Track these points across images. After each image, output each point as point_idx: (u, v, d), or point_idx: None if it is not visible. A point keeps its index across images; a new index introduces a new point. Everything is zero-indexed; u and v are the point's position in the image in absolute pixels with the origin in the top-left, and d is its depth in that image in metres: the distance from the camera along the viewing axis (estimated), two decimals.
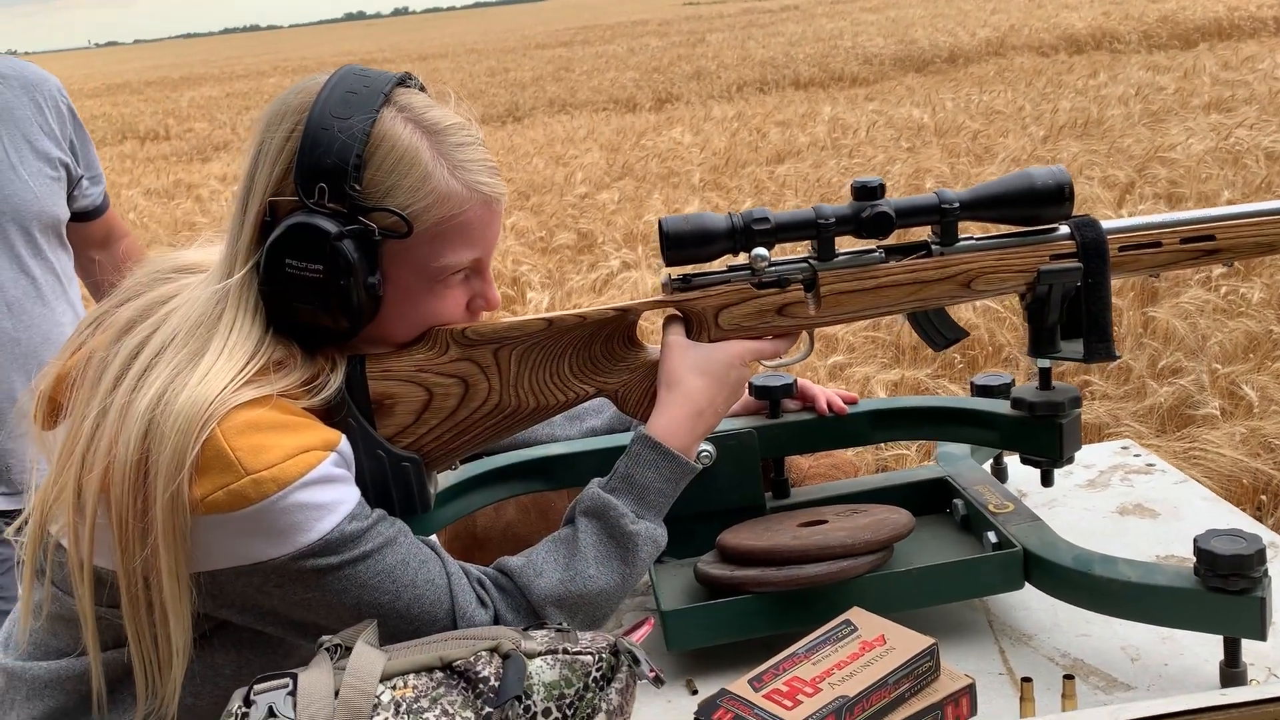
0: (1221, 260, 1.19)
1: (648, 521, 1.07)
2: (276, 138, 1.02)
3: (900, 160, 6.98)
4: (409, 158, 1.02)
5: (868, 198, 1.15)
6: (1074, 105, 8.34)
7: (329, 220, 1.00)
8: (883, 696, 0.99)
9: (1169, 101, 8.16)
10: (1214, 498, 1.44)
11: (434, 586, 1.01)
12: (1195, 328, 3.73)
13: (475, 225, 1.06)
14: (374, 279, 1.02)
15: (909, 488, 1.34)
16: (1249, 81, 8.72)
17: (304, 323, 1.03)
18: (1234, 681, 1.03)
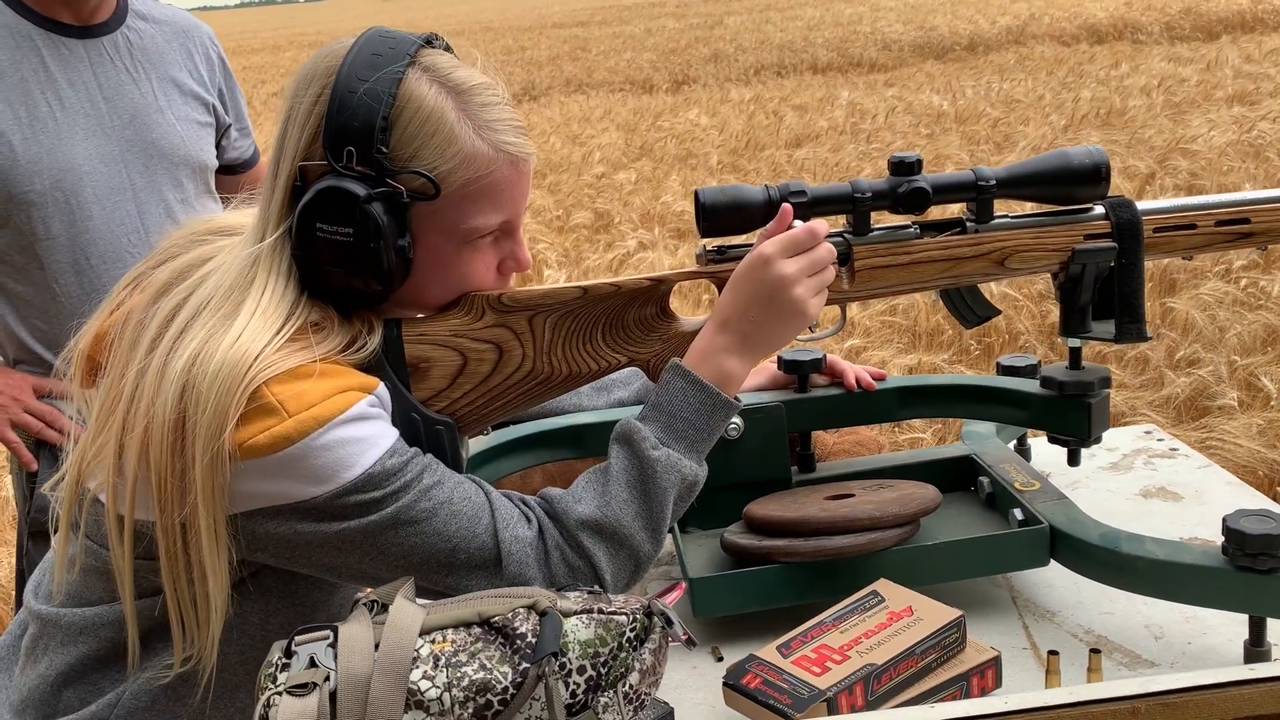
0: (1255, 243, 1.19)
1: (671, 450, 1.04)
2: (305, 102, 1.03)
3: (919, 147, 6.95)
4: (435, 118, 1.02)
5: (905, 173, 1.15)
6: (1095, 95, 8.29)
7: (357, 183, 1.00)
8: (910, 666, 1.00)
9: (1191, 93, 8.11)
10: (1237, 482, 1.45)
11: (472, 504, 1.01)
12: (1214, 319, 3.72)
13: (503, 186, 1.06)
14: (404, 241, 1.03)
15: (935, 464, 1.35)
16: (1272, 74, 8.66)
17: (337, 286, 1.03)
18: (1258, 660, 1.04)
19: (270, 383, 0.95)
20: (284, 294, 1.03)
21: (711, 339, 1.08)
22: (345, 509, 0.96)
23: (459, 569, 1.01)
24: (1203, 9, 15.98)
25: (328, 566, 1.00)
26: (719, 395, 1.06)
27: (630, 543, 1.02)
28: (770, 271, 1.07)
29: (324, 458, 0.95)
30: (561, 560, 1.02)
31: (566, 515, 1.03)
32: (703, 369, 1.07)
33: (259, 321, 1.00)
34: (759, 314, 1.07)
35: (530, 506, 1.05)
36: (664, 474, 1.03)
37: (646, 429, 1.05)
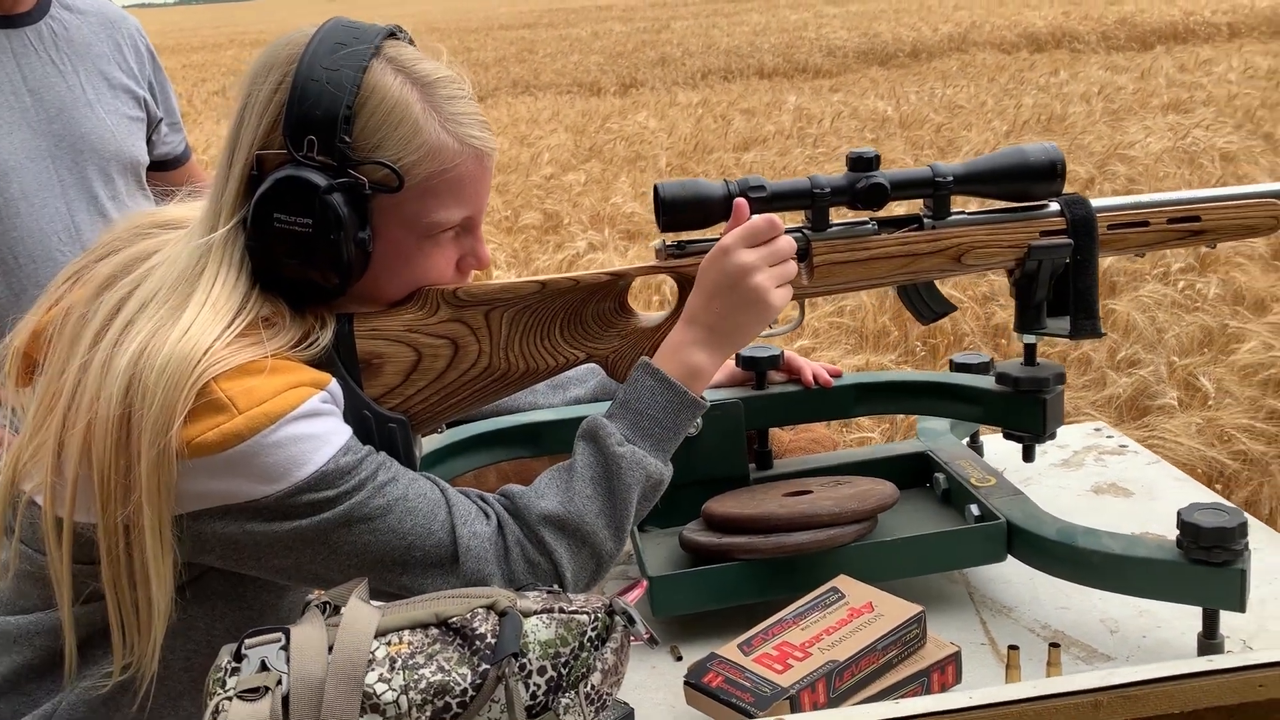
0: (1205, 241, 1.21)
1: (637, 447, 1.03)
2: (264, 90, 1.00)
3: None
4: (400, 109, 1.00)
5: (863, 169, 1.15)
6: (1036, 101, 8.44)
7: (318, 173, 0.98)
8: (871, 662, 0.99)
9: (1128, 101, 8.28)
10: (1186, 479, 1.47)
11: (428, 500, 0.99)
12: (1154, 320, 3.80)
13: (467, 181, 1.04)
14: (364, 234, 1.01)
15: (891, 461, 1.35)
16: (1204, 84, 8.88)
17: (291, 279, 1.01)
18: (1212, 653, 1.05)
19: (220, 378, 0.92)
20: (235, 287, 1.00)
21: (679, 334, 1.08)
22: (297, 508, 0.94)
23: (414, 567, 0.99)
24: (1137, 20, 16.35)
25: (278, 568, 0.97)
26: (686, 394, 1.05)
27: (592, 540, 1.01)
28: (730, 261, 1.06)
29: (275, 455, 0.92)
30: (522, 556, 1.00)
31: (528, 511, 1.01)
32: (671, 364, 1.06)
33: (208, 314, 0.97)
34: (722, 305, 1.06)
35: (488, 502, 1.03)
36: (629, 471, 1.02)
37: (613, 425, 1.03)
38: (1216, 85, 8.69)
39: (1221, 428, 2.89)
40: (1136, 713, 0.84)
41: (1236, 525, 1.01)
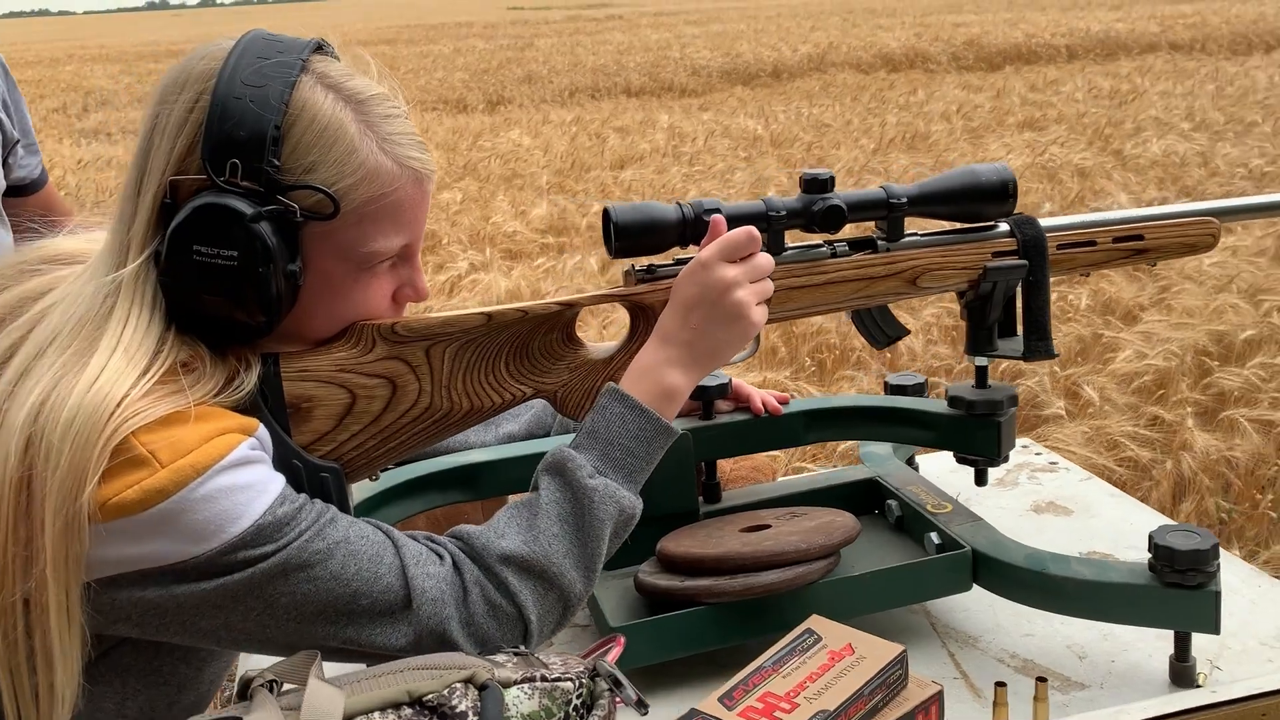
0: (1148, 259, 1.21)
1: (608, 479, 0.96)
2: (177, 110, 0.90)
3: (740, 169, 7.09)
4: (333, 130, 0.92)
5: (818, 190, 1.11)
6: (899, 120, 8.70)
7: (243, 200, 0.89)
8: (859, 708, 0.95)
9: (986, 119, 8.62)
10: (1119, 494, 1.48)
11: (371, 543, 0.90)
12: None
13: (406, 206, 0.96)
14: (294, 266, 0.91)
15: (840, 489, 1.31)
16: (1054, 103, 9.32)
17: (212, 318, 0.91)
18: (1184, 675, 1.04)
19: (139, 431, 0.82)
20: (149, 328, 0.90)
21: (652, 354, 1.01)
22: (230, 565, 0.84)
23: (361, 617, 0.89)
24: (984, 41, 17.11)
25: (205, 630, 0.87)
26: (659, 421, 0.99)
27: (560, 581, 0.93)
28: (710, 275, 1.00)
29: (205, 511, 0.82)
30: (482, 598, 0.91)
31: (487, 551, 0.93)
32: (642, 387, 1.00)
33: (120, 361, 0.86)
34: (701, 322, 1.00)
35: (438, 543, 0.95)
36: (601, 505, 0.94)
37: (582, 457, 0.96)
38: (1065, 104, 9.13)
39: (1109, 436, 2.98)
40: None
41: (1210, 547, 1.00)
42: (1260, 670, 1.05)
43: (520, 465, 1.21)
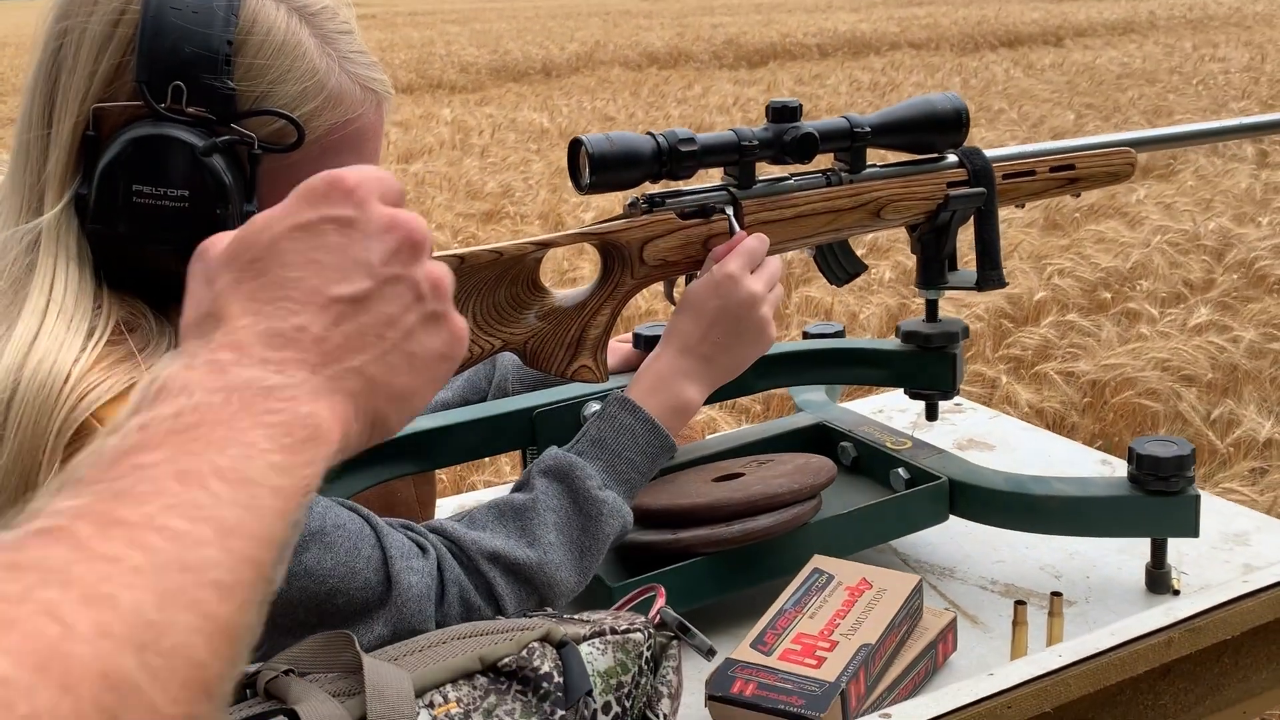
0: (1076, 189, 1.25)
1: (615, 493, 0.91)
2: (95, 23, 0.76)
3: (533, 160, 7.02)
4: (291, 47, 0.80)
5: (787, 119, 1.07)
6: (681, 113, 8.87)
7: (190, 130, 0.76)
8: (893, 639, 0.92)
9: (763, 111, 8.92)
10: (1031, 427, 1.53)
11: (348, 532, 0.80)
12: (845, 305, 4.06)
13: (369, 133, 0.86)
14: (251, 207, 0.79)
15: (791, 435, 1.29)
16: (821, 95, 9.76)
17: (155, 270, 0.77)
18: (1161, 581, 1.07)
19: (100, 410, 0.69)
20: (80, 285, 0.76)
21: (669, 364, 0.97)
22: None
23: (333, 617, 0.79)
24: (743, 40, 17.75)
25: None
26: (668, 438, 0.95)
27: (550, 590, 0.87)
28: (738, 291, 0.97)
29: None
30: (459, 599, 0.83)
31: (475, 547, 0.85)
32: (657, 400, 0.95)
33: (58, 325, 0.72)
34: (723, 336, 0.97)
35: (421, 534, 0.86)
36: (609, 519, 0.90)
37: (590, 467, 0.90)
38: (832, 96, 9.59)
39: None
40: (1199, 644, 0.83)
41: (1189, 453, 1.04)
42: (1222, 571, 1.10)
43: (472, 430, 1.11)
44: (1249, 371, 3.37)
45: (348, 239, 0.49)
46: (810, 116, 6.35)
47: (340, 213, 0.50)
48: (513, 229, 5.21)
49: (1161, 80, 10.24)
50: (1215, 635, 0.82)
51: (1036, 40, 16.65)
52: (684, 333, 0.98)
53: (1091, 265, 4.33)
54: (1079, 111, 8.30)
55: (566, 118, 8.98)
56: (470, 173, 6.48)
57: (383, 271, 0.49)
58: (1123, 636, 0.79)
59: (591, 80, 12.77)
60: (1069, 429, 3.25)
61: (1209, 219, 4.97)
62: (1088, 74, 10.95)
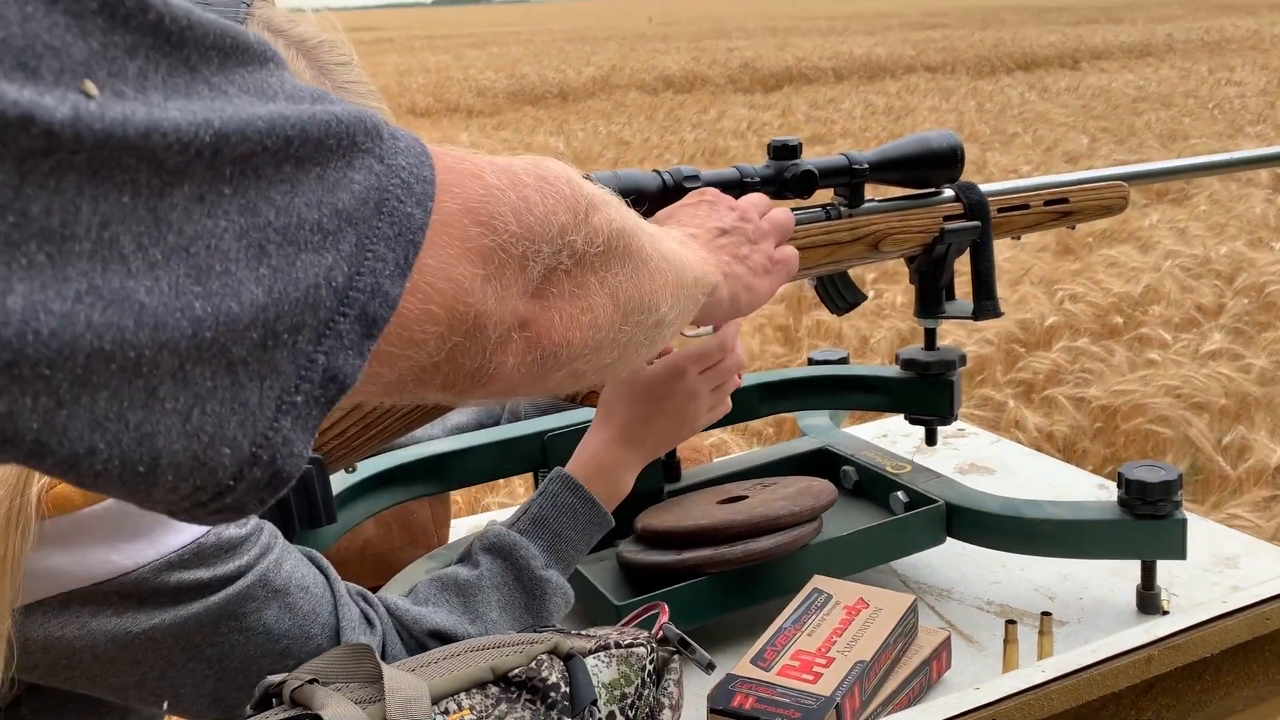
0: (1070, 221, 1.29)
1: (556, 571, 0.94)
2: None
3: None
4: None
5: (788, 156, 1.12)
6: (696, 137, 8.95)
7: None
8: (888, 657, 0.96)
9: (777, 135, 9.00)
10: (1032, 452, 1.56)
11: (310, 596, 0.81)
12: (856, 329, 4.10)
13: None
14: None
15: (794, 459, 1.33)
16: (836, 119, 9.84)
17: None
18: (1151, 602, 1.11)
19: None
20: None
21: (613, 451, 1.00)
22: (161, 593, 0.74)
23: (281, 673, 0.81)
24: (758, 64, 17.88)
25: (117, 686, 0.76)
26: (607, 517, 0.98)
27: None
28: (683, 385, 1.04)
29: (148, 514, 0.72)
30: None
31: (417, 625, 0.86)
32: (600, 485, 0.98)
33: None
34: (660, 424, 1.03)
35: (372, 606, 0.87)
36: (552, 596, 0.92)
37: (534, 546, 0.92)
38: (846, 120, 9.66)
39: None
40: (1178, 661, 0.86)
41: (1176, 478, 1.07)
42: (1211, 593, 1.13)
43: (485, 454, 1.16)
44: (1260, 398, 3.39)
45: (713, 208, 0.91)
46: (824, 140, 6.41)
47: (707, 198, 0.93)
48: None
49: (1177, 104, 10.27)
50: (1195, 653, 0.86)
51: (1052, 64, 16.71)
52: (629, 421, 1.01)
53: (1103, 290, 4.36)
54: (1094, 135, 8.33)
55: (582, 142, 9.07)
56: None
57: (731, 224, 0.89)
58: (1104, 653, 0.83)
59: (607, 104, 12.88)
60: (1079, 454, 3.27)
61: (1220, 244, 4.99)
62: (1103, 98, 10.99)
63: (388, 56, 27.51)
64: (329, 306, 0.39)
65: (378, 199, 0.41)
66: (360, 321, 0.40)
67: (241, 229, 0.36)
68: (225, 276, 0.36)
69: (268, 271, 0.37)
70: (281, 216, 0.38)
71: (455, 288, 0.46)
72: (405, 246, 0.42)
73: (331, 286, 0.39)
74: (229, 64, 0.38)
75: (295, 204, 0.38)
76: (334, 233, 0.39)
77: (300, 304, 0.38)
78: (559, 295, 0.53)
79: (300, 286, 0.38)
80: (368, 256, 0.40)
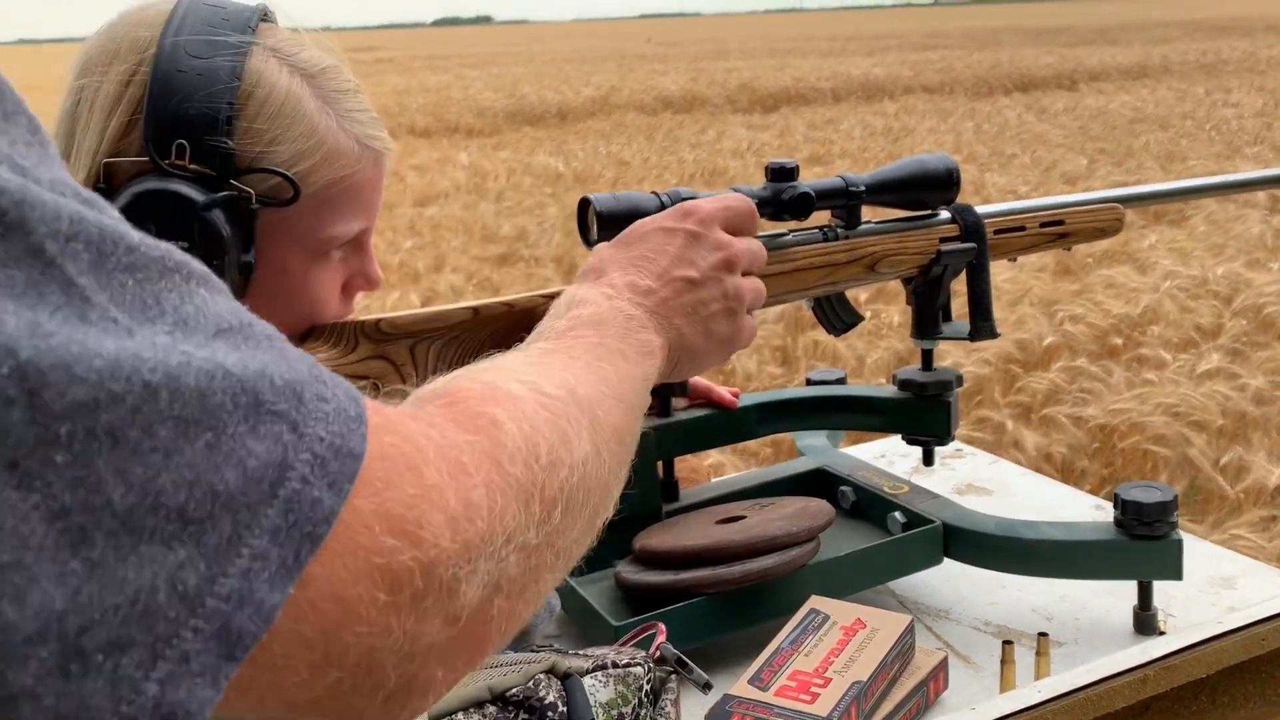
0: (1066, 244, 1.30)
1: None
2: (109, 83, 0.82)
3: (546, 205, 7.12)
4: (291, 106, 0.86)
5: (785, 179, 1.13)
6: (695, 157, 8.99)
7: (192, 185, 0.81)
8: (885, 678, 0.96)
9: (775, 154, 9.04)
10: (1029, 472, 1.57)
11: None
12: (854, 349, 4.11)
13: (366, 188, 0.91)
14: (248, 257, 0.85)
15: (792, 480, 1.33)
16: (834, 139, 9.88)
17: None
18: (1148, 624, 1.11)
19: None
20: None
21: None
22: None
23: None
24: (756, 85, 17.96)
25: None
26: None
27: None
28: None
29: None
30: None
31: None
32: None
33: None
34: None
35: None
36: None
37: None
38: (845, 140, 9.70)
39: None
40: (1174, 681, 0.86)
41: (1171, 499, 1.08)
42: (1207, 613, 1.13)
43: None
44: (1257, 418, 3.39)
45: (691, 244, 0.79)
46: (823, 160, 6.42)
47: (691, 228, 0.80)
48: (527, 272, 5.29)
49: (1174, 125, 10.32)
50: (1190, 673, 0.86)
51: (1050, 84, 16.79)
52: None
53: (1102, 311, 4.37)
54: (1091, 156, 8.37)
55: (581, 162, 9.11)
56: (486, 216, 6.58)
57: (708, 272, 0.78)
58: (1100, 674, 0.83)
59: (606, 125, 12.94)
60: (1078, 474, 3.27)
61: (1218, 264, 5.01)
62: (1101, 119, 11.05)
63: (388, 77, 27.64)
64: (170, 619, 0.30)
65: (276, 478, 0.33)
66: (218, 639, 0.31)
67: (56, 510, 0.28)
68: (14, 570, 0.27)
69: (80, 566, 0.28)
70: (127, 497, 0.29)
71: (343, 613, 0.35)
72: (298, 541, 0.33)
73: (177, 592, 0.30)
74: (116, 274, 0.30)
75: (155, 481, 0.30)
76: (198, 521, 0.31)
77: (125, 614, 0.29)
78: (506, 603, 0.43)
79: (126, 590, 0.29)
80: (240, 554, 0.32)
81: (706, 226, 0.82)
